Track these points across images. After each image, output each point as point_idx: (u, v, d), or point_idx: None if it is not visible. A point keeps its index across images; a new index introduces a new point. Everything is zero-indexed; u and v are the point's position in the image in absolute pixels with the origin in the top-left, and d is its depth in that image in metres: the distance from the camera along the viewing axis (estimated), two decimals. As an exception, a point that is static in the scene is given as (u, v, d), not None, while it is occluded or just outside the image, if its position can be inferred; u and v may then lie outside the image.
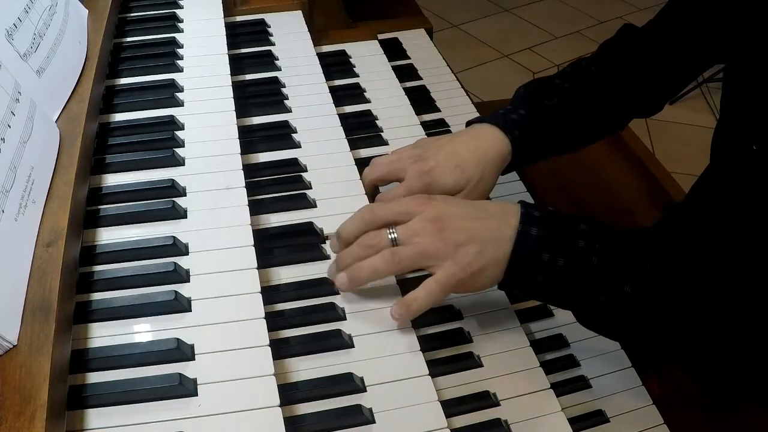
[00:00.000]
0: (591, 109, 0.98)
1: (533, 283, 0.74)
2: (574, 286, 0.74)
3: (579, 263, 0.73)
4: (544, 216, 0.75)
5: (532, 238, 0.73)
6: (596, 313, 0.76)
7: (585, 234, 0.74)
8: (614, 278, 0.72)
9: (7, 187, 0.68)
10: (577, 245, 0.73)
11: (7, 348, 0.60)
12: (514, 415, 0.75)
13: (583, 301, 0.75)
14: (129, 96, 0.99)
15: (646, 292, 0.72)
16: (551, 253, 0.73)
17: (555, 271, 0.73)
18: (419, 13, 1.52)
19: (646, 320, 0.73)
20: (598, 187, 1.33)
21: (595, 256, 0.73)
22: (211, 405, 0.65)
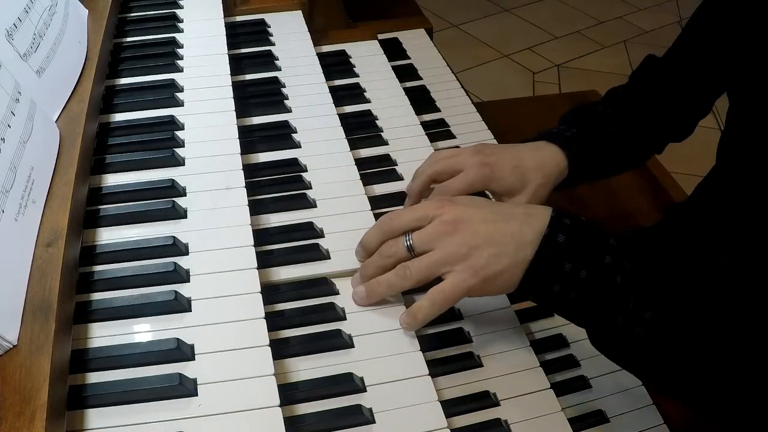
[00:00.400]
0: (629, 134, 1.00)
1: (549, 292, 0.71)
2: (592, 302, 0.70)
3: (602, 279, 0.69)
4: (574, 224, 0.72)
5: (557, 245, 0.70)
6: (610, 334, 0.72)
7: (614, 250, 0.70)
8: (636, 301, 0.69)
9: (7, 187, 0.68)
10: (603, 260, 0.70)
11: (7, 348, 0.60)
12: (514, 415, 0.75)
13: (599, 320, 0.71)
14: (129, 96, 0.99)
15: (667, 321, 0.68)
16: (575, 263, 0.69)
17: (575, 283, 0.70)
18: (419, 13, 1.52)
19: (661, 350, 0.69)
20: (598, 187, 1.32)
21: (620, 275, 0.69)
22: (211, 405, 0.65)
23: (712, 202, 0.98)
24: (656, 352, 0.70)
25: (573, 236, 0.70)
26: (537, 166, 0.90)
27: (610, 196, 1.32)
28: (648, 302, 0.68)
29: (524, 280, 0.72)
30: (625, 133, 0.99)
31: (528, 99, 2.31)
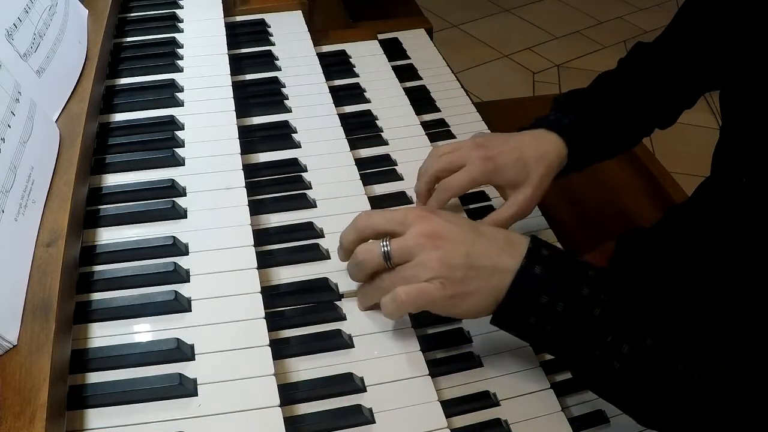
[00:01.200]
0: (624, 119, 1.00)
1: (525, 324, 0.70)
2: (569, 335, 0.69)
3: (579, 312, 0.68)
4: (552, 256, 0.70)
5: (534, 277, 0.68)
6: (588, 368, 0.70)
7: (592, 282, 0.68)
8: (614, 335, 0.67)
9: (7, 187, 0.68)
10: (580, 293, 0.68)
11: (7, 348, 0.60)
12: (514, 415, 0.75)
13: (576, 354, 0.70)
14: (129, 96, 0.99)
15: (645, 355, 0.67)
16: (552, 296, 0.68)
17: (551, 315, 0.68)
18: (419, 13, 1.52)
19: (639, 384, 0.68)
20: (598, 187, 1.33)
21: (599, 308, 0.67)
22: (211, 405, 0.65)
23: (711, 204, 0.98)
24: (635, 386, 0.68)
25: (550, 268, 0.69)
26: (539, 157, 0.90)
27: (610, 196, 1.32)
28: (626, 336, 0.67)
29: (500, 311, 0.70)
30: (619, 117, 0.99)
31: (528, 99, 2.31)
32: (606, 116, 0.98)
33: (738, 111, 0.89)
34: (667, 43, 1.01)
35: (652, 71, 1.01)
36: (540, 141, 0.92)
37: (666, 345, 0.67)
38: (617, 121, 0.99)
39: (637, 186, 1.34)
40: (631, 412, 0.71)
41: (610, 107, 0.99)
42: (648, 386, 0.67)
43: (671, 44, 1.01)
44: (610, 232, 1.21)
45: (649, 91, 1.01)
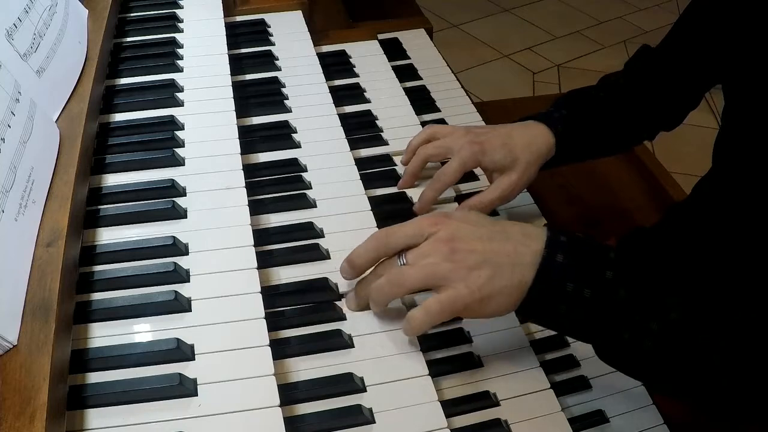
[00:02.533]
0: (620, 119, 1.02)
1: (555, 313, 0.70)
2: (598, 319, 0.69)
3: (606, 296, 0.68)
4: (571, 242, 0.70)
5: (557, 266, 0.69)
6: (619, 350, 0.71)
7: (614, 264, 0.69)
8: (641, 314, 0.68)
9: (7, 187, 0.68)
10: (604, 276, 0.68)
11: (7, 348, 0.60)
12: (514, 415, 0.75)
13: (606, 336, 0.70)
14: (129, 96, 0.99)
15: (672, 330, 0.67)
16: (577, 282, 0.68)
17: (580, 302, 0.68)
18: (419, 13, 1.52)
19: (671, 359, 0.68)
20: (598, 187, 1.33)
21: (623, 288, 0.68)
22: (211, 405, 0.65)
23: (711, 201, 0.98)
24: (666, 362, 0.69)
25: (572, 255, 0.69)
26: (526, 143, 0.93)
27: (610, 196, 1.32)
28: (652, 313, 0.67)
29: (528, 303, 0.70)
30: (615, 117, 1.01)
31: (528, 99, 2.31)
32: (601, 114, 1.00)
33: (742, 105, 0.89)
34: (673, 43, 1.02)
35: (659, 72, 1.02)
36: (528, 129, 0.95)
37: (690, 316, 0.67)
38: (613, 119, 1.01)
39: (637, 186, 1.34)
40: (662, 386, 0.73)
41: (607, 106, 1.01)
42: (679, 358, 0.68)
43: (677, 45, 1.02)
44: (610, 231, 1.21)
45: (654, 93, 1.02)
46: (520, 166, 0.92)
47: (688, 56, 0.99)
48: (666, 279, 0.70)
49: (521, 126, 0.96)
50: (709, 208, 0.98)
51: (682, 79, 1.01)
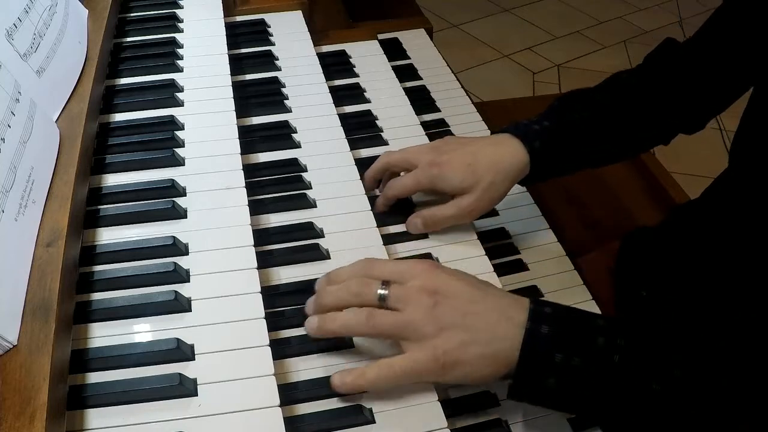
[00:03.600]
0: (628, 122, 0.96)
1: (544, 388, 0.66)
2: (592, 388, 0.66)
3: (598, 362, 0.65)
4: (556, 312, 0.68)
5: (542, 337, 0.65)
6: (621, 417, 0.68)
7: (604, 330, 0.66)
8: (640, 376, 0.65)
9: (7, 187, 0.68)
10: (595, 342, 0.65)
11: (7, 348, 0.60)
12: (514, 415, 0.75)
13: (605, 405, 0.67)
14: (129, 96, 0.99)
15: (678, 387, 0.64)
16: (565, 352, 0.65)
17: (570, 372, 0.65)
18: (419, 13, 1.52)
19: (679, 417, 0.66)
20: (598, 187, 1.33)
21: (617, 354, 0.65)
22: (211, 405, 0.65)
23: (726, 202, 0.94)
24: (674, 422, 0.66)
25: (557, 324, 0.66)
26: (491, 163, 0.88)
27: (610, 196, 1.32)
28: (653, 374, 0.65)
29: (515, 380, 0.67)
30: (621, 122, 0.95)
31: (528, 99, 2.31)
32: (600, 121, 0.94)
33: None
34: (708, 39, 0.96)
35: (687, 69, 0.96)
36: (498, 147, 0.90)
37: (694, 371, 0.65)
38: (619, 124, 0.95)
39: (637, 186, 1.34)
40: None
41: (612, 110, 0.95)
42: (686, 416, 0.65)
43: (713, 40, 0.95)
44: (610, 232, 1.21)
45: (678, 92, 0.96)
46: (480, 188, 0.87)
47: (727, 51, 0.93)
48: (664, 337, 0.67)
49: (492, 143, 0.91)
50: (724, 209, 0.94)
51: (718, 77, 0.95)
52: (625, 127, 0.96)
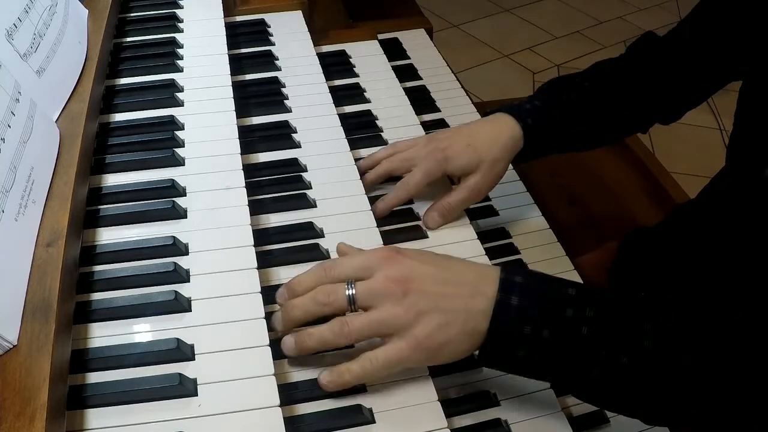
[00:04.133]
0: (608, 109, 0.99)
1: (514, 358, 0.67)
2: (561, 360, 0.66)
3: (567, 335, 0.65)
4: (526, 282, 0.67)
5: (512, 309, 0.65)
6: (590, 388, 0.68)
7: (573, 301, 0.66)
8: (608, 349, 0.65)
9: (7, 187, 0.68)
10: (564, 314, 0.65)
11: (7, 348, 0.60)
12: (514, 415, 0.75)
13: (574, 377, 0.67)
14: (129, 96, 0.99)
15: (647, 359, 0.64)
16: (534, 324, 0.65)
17: (539, 344, 0.65)
18: (419, 13, 1.52)
19: (647, 389, 0.66)
20: (597, 187, 1.33)
21: (585, 326, 0.65)
22: (211, 405, 0.65)
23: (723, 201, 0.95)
24: (642, 391, 0.66)
25: (527, 296, 0.66)
26: (490, 139, 0.91)
27: (610, 196, 1.32)
28: (622, 347, 0.65)
29: (485, 351, 0.67)
30: (602, 107, 0.98)
31: (528, 99, 2.31)
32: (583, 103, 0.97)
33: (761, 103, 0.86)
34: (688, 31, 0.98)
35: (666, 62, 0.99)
36: (493, 124, 0.93)
37: (666, 341, 0.65)
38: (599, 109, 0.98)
39: (637, 186, 1.34)
40: (642, 416, 0.69)
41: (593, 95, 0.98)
42: (656, 387, 0.65)
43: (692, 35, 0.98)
44: (609, 232, 1.21)
45: (657, 83, 0.99)
46: (485, 165, 0.90)
47: (705, 46, 0.95)
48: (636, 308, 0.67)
49: (486, 121, 0.95)
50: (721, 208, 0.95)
51: (694, 70, 0.98)
52: (604, 114, 0.99)
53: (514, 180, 1.10)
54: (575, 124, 0.97)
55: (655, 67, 0.99)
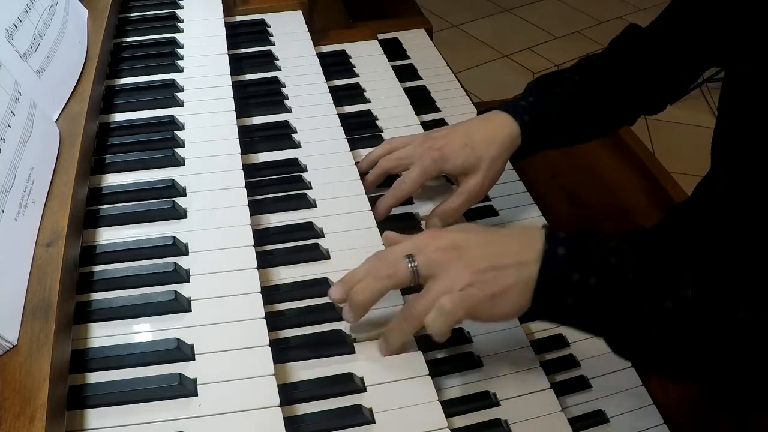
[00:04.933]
0: (597, 102, 0.99)
1: (563, 306, 0.69)
2: (608, 306, 0.68)
3: (613, 281, 0.67)
4: (570, 235, 0.70)
5: (559, 258, 0.68)
6: (634, 336, 0.69)
7: (615, 251, 0.69)
8: (653, 294, 0.67)
9: (7, 187, 0.68)
10: (608, 262, 0.68)
11: (7, 348, 0.60)
12: (514, 415, 0.75)
13: (620, 323, 0.69)
14: (129, 96, 0.99)
15: (688, 306, 0.66)
16: (582, 271, 0.67)
17: (587, 291, 0.67)
18: (419, 13, 1.52)
19: (689, 337, 0.67)
20: (598, 187, 1.33)
21: (631, 272, 0.67)
22: (211, 405, 0.65)
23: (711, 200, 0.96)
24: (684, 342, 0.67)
25: (572, 246, 0.69)
26: (487, 138, 0.91)
27: (610, 196, 1.32)
28: (665, 292, 0.66)
29: (535, 301, 0.69)
30: (592, 101, 0.99)
31: (528, 99, 2.31)
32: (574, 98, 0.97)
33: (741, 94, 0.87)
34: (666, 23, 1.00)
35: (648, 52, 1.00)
36: (489, 122, 0.93)
37: (705, 291, 0.66)
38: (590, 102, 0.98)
39: (637, 186, 1.34)
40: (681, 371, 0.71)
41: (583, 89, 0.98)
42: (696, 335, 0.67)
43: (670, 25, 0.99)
44: (609, 232, 1.21)
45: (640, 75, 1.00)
46: (484, 165, 0.90)
47: (683, 36, 0.97)
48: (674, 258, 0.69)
49: (482, 120, 0.95)
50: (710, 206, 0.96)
51: (675, 60, 0.99)
52: (593, 108, 1.00)
53: (514, 180, 1.09)
54: (570, 117, 0.98)
55: (636, 59, 1.00)
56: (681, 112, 2.92)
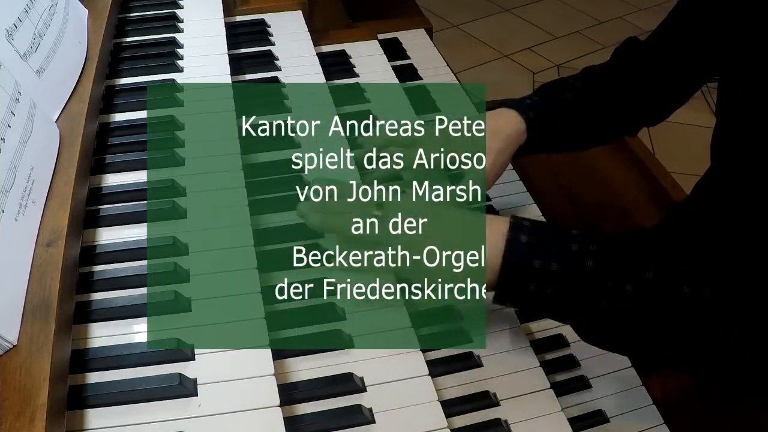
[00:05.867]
0: (597, 112, 1.01)
1: (526, 293, 0.71)
2: (570, 292, 0.70)
3: (573, 267, 0.70)
4: (533, 224, 0.73)
5: (522, 245, 0.70)
6: (598, 322, 0.71)
7: (577, 238, 0.71)
8: (613, 279, 0.69)
9: (7, 187, 0.68)
10: (569, 249, 0.70)
11: (7, 348, 0.60)
12: (514, 415, 0.75)
13: (583, 309, 0.71)
14: (129, 96, 0.99)
15: (649, 289, 0.68)
16: (543, 258, 0.70)
17: (548, 277, 0.70)
18: (419, 13, 1.52)
19: (651, 320, 0.69)
20: (598, 187, 1.33)
21: (591, 259, 0.70)
22: (211, 405, 0.65)
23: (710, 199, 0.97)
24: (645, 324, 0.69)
25: (535, 234, 0.71)
26: (493, 132, 0.93)
27: (610, 196, 1.32)
28: (625, 276, 0.69)
29: (499, 286, 0.71)
30: (592, 108, 1.00)
31: (528, 99, 2.31)
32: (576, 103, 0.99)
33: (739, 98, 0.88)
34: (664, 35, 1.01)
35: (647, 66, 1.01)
36: (496, 118, 0.95)
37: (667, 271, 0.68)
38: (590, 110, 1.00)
39: (637, 186, 1.34)
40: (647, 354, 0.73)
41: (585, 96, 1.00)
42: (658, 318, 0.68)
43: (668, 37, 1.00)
44: (609, 232, 1.20)
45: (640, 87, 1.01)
46: (489, 157, 0.92)
47: (680, 49, 0.98)
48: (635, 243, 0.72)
49: (488, 115, 0.96)
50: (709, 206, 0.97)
51: (672, 73, 1.00)
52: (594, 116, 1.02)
53: (514, 180, 1.10)
54: (571, 121, 1.00)
55: (636, 71, 1.02)
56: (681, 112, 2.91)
